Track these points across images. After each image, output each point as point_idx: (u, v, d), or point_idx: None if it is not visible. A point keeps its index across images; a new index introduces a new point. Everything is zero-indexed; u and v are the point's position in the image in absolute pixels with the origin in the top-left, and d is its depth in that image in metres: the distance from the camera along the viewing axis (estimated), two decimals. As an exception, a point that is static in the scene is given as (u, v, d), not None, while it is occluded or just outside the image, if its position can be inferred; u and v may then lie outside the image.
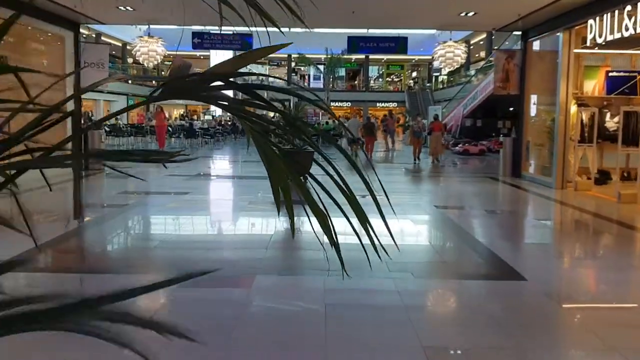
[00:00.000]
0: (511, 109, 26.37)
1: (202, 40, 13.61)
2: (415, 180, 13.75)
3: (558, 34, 11.78)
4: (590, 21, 9.91)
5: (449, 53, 13.97)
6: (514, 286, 4.85)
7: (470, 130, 25.70)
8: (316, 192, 1.34)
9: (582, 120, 11.36)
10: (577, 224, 8.54)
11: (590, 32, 9.92)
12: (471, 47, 39.12)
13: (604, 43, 9.79)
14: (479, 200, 10.47)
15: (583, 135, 11.40)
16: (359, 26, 13.80)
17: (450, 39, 14.17)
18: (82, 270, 5.21)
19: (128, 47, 15.30)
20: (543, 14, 11.38)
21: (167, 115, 48.37)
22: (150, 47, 13.73)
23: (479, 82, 25.15)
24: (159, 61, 14.46)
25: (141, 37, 14.05)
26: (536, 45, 13.43)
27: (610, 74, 12.31)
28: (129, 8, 11.60)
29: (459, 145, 22.36)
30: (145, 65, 14.14)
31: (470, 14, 11.67)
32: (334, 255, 4.75)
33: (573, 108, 11.74)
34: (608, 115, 12.16)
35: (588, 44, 10.11)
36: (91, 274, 5.00)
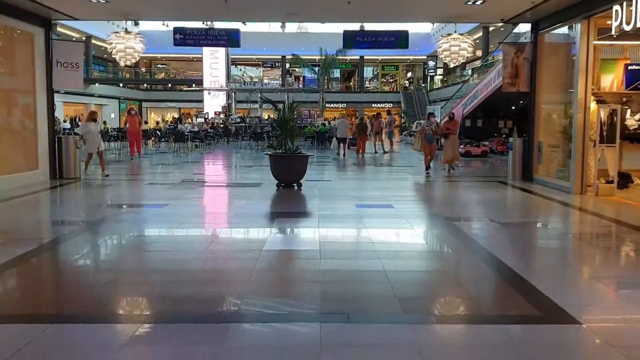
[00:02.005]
0: (513, 107, 25.44)
1: (185, 36, 12.47)
2: (418, 185, 12.65)
3: (574, 24, 10.72)
4: (616, 7, 8.81)
5: (454, 47, 12.86)
6: (568, 334, 3.74)
7: (470, 130, 24.63)
8: None
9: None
10: (619, 240, 7.38)
11: (616, 19, 8.82)
12: (469, 45, 38.08)
13: (632, 32, 8.73)
14: (494, 209, 9.37)
15: (602, 134, 10.35)
16: (355, 19, 12.69)
17: (455, 31, 13.05)
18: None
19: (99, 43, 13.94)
20: (559, 2, 10.31)
21: (161, 118, 47.39)
22: (128, 44, 12.53)
23: (480, 80, 24.10)
24: (137, 59, 13.28)
25: (117, 32, 12.88)
26: (548, 37, 12.37)
27: (630, 67, 11.27)
28: (101, 0, 10.45)
29: (460, 147, 21.23)
30: (122, 63, 13.01)
31: (479, 2, 10.58)
32: (331, 289, 3.43)
33: (592, 105, 10.67)
34: (628, 112, 11.13)
35: (613, 32, 9.02)
36: (16, 324, 3.86)
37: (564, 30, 11.83)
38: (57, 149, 12.47)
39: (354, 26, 13.27)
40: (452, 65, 14.56)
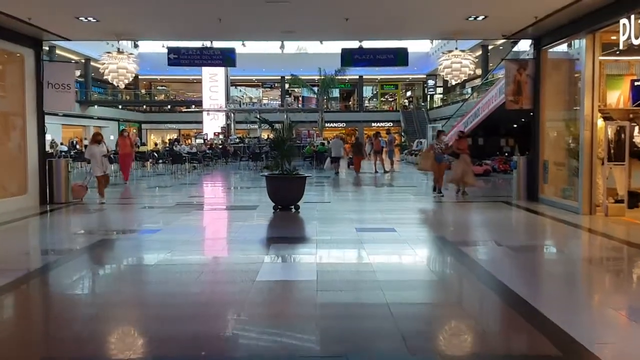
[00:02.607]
0: (515, 125, 25.16)
1: (179, 56, 12.18)
2: (421, 206, 12.26)
3: (579, 39, 10.43)
4: (623, 20, 8.52)
5: (456, 64, 12.53)
6: (593, 378, 3.32)
7: (471, 149, 24.27)
8: None
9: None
10: (635, 264, 6.97)
11: (624, 33, 8.52)
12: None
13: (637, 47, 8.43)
14: (501, 232, 8.95)
15: (610, 152, 9.99)
16: (353, 37, 12.41)
17: (456, 48, 12.75)
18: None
19: (98, 65, 13.61)
20: (563, 16, 10.01)
21: (160, 140, 47.29)
22: (120, 64, 12.22)
23: (481, 99, 23.83)
24: (130, 80, 12.95)
25: (109, 52, 12.58)
26: (551, 53, 12.08)
27: (636, 83, 10.95)
28: (91, 19, 10.16)
29: (462, 166, 20.85)
30: (115, 84, 12.70)
31: (480, 17, 10.28)
32: (329, 326, 2.98)
33: (599, 122, 10.33)
34: (636, 129, 10.77)
35: (620, 46, 8.71)
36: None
37: (568, 46, 11.56)
38: (47, 173, 12.10)
39: (353, 45, 13.01)
40: (453, 83, 14.26)
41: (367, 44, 12.98)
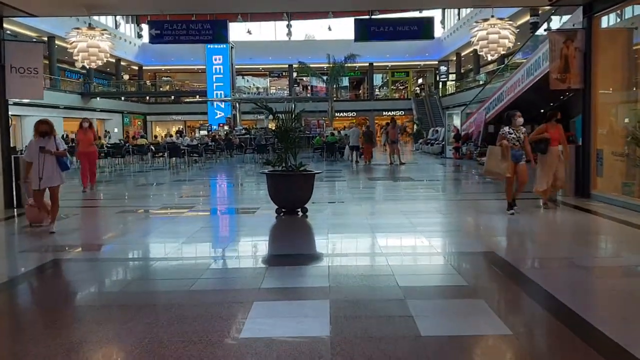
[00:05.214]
0: (542, 111, 23.13)
1: (162, 32, 10.33)
2: (451, 206, 10.38)
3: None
4: None
5: (492, 34, 10.54)
6: None
7: (494, 137, 22.31)
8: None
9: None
10: None
11: None
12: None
13: None
14: (561, 242, 7.06)
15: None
16: (365, 5, 10.54)
17: (493, 16, 10.75)
18: None
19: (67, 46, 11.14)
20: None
21: (157, 132, 45.61)
22: (91, 42, 10.35)
23: (505, 81, 21.81)
24: (104, 61, 11.02)
25: (78, 28, 10.69)
26: (605, 22, 10.13)
27: None
28: (50, -15, 8.37)
29: (484, 158, 18.89)
30: (86, 66, 10.88)
31: (526, -25, 8.37)
32: None
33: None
34: None
35: None
36: None
37: (627, 11, 9.65)
38: (13, 172, 10.35)
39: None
40: (489, 58, 12.33)
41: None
